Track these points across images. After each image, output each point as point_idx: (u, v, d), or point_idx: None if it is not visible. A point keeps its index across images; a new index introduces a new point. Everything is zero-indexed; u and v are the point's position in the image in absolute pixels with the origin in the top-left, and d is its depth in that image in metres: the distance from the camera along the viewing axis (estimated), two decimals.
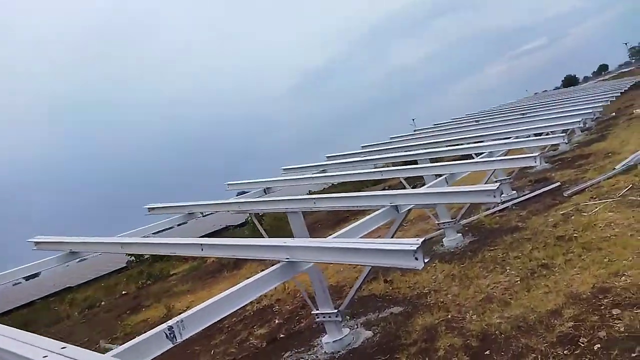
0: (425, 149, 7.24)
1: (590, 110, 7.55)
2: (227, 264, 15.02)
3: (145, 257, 24.71)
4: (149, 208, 5.47)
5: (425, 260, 2.24)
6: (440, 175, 4.93)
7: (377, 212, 3.80)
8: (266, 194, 6.08)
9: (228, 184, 6.22)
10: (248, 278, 2.68)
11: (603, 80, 47.70)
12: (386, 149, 8.04)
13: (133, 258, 23.83)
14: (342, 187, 17.62)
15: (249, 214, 5.16)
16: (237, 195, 6.44)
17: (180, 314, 2.31)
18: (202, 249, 3.08)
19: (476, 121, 9.38)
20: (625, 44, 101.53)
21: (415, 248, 2.27)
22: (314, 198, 4.15)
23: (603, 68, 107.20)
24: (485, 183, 8.45)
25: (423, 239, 2.36)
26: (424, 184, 5.59)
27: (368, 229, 3.66)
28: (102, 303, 18.50)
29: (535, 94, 41.64)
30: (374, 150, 7.99)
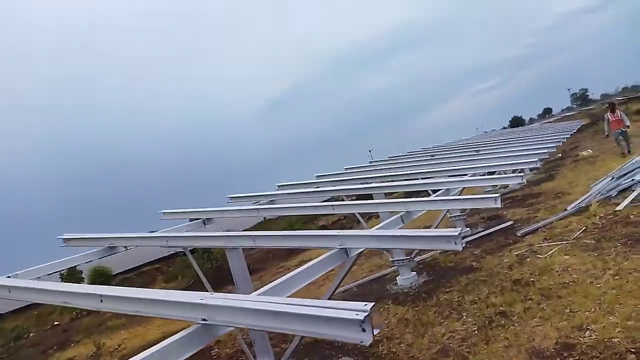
0: (381, 182, 6.91)
1: (545, 150, 7.40)
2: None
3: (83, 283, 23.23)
4: (64, 239, 4.82)
5: (375, 332, 1.74)
6: (395, 213, 4.54)
7: (325, 256, 3.30)
8: (205, 225, 5.52)
9: (163, 213, 5.62)
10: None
11: (548, 122, 49.85)
12: (341, 179, 7.65)
13: None
14: (293, 218, 17.12)
15: (182, 249, 4.55)
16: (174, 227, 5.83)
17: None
18: (102, 301, 2.47)
19: (431, 156, 9.18)
20: (568, 89, 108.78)
21: (362, 317, 1.75)
22: (254, 235, 3.62)
23: (547, 111, 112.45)
24: (440, 221, 8.16)
25: (372, 304, 1.85)
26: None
27: (315, 275, 3.14)
28: (31, 334, 16.91)
29: (485, 132, 42.85)
30: (328, 181, 7.60)
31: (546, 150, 7.53)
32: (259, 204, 6.12)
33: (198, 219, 5.48)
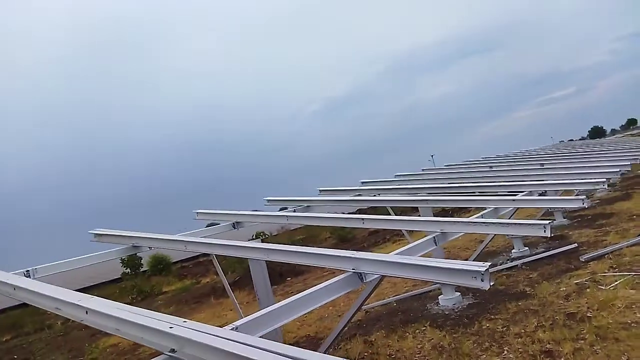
0: (429, 193, 6.51)
1: (618, 169, 6.65)
2: (218, 288, 14.26)
3: (142, 269, 24.17)
4: (95, 234, 4.87)
5: None
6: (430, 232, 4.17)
7: (335, 280, 3.01)
8: (235, 228, 5.41)
9: (197, 213, 5.57)
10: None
11: (631, 134, 46.21)
12: (387, 188, 7.29)
13: (129, 270, 23.19)
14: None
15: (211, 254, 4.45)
16: (207, 227, 5.77)
17: None
18: (87, 313, 2.34)
19: (490, 167, 8.59)
20: None
21: None
22: (267, 249, 3.41)
23: (632, 122, 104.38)
24: (488, 242, 7.56)
25: None
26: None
27: (321, 302, 2.86)
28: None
29: (561, 141, 40.35)
30: (372, 189, 7.29)
31: (618, 170, 6.78)
32: (294, 210, 5.95)
33: (228, 221, 5.38)
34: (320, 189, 7.13)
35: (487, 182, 7.19)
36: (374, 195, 6.65)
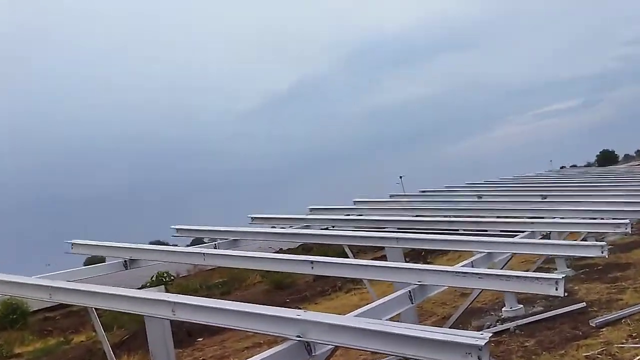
0: (399, 229, 6.48)
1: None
2: (97, 352, 13.63)
3: None
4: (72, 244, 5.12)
5: None
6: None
7: (274, 351, 2.81)
8: (128, 268, 5.10)
9: (72, 244, 5.24)
10: None
11: None
12: (343, 218, 7.25)
13: None
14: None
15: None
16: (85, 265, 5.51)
17: None
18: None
19: (478, 197, 8.70)
20: None
21: None
22: (172, 302, 3.17)
23: None
24: (475, 299, 7.60)
25: None
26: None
27: None
28: None
29: (562, 167, 41.89)
30: (326, 219, 7.28)
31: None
32: (214, 245, 5.78)
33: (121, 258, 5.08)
34: (253, 216, 7.01)
35: (474, 217, 7.18)
36: (326, 228, 6.60)
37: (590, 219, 6.38)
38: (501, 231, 6.21)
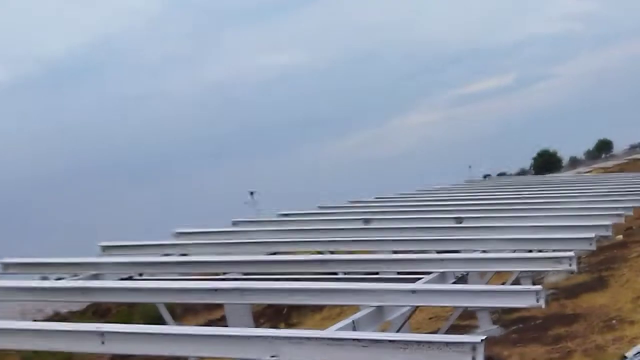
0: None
1: (592, 234, 6.78)
2: None
3: None
4: None
5: None
6: None
7: None
8: None
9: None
10: None
11: (603, 168, 50.36)
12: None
13: None
14: None
15: None
16: None
17: None
18: None
19: (366, 222, 8.81)
20: None
21: None
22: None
23: (603, 146, 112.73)
24: None
25: None
26: None
27: None
28: None
29: (486, 176, 42.16)
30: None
31: (592, 234, 6.91)
32: None
33: None
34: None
35: (360, 252, 7.32)
36: (129, 277, 6.75)
37: (524, 251, 6.42)
38: (398, 273, 6.14)
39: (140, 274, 6.79)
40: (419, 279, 5.62)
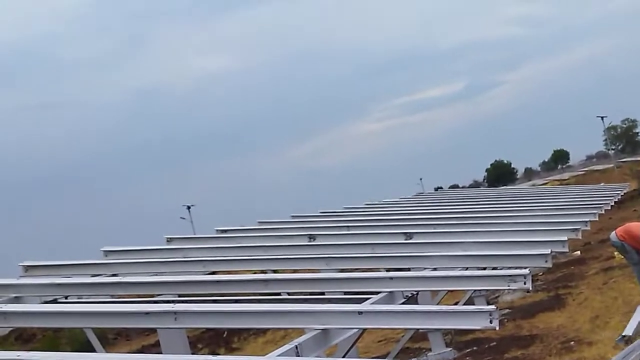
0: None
1: (548, 250, 6.70)
2: None
3: None
4: None
5: None
6: None
7: None
8: None
9: None
10: None
11: (559, 181, 51.10)
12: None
13: None
14: None
15: None
16: None
17: None
18: None
19: (310, 238, 8.58)
20: (601, 118, 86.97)
21: None
22: None
23: (559, 157, 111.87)
24: None
25: None
26: None
27: None
28: None
29: (437, 189, 41.62)
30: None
31: (548, 251, 6.81)
32: None
33: None
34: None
35: (303, 272, 7.22)
36: (54, 300, 6.44)
37: (477, 269, 6.42)
38: (345, 293, 6.12)
39: (66, 297, 6.52)
40: (367, 299, 5.49)
